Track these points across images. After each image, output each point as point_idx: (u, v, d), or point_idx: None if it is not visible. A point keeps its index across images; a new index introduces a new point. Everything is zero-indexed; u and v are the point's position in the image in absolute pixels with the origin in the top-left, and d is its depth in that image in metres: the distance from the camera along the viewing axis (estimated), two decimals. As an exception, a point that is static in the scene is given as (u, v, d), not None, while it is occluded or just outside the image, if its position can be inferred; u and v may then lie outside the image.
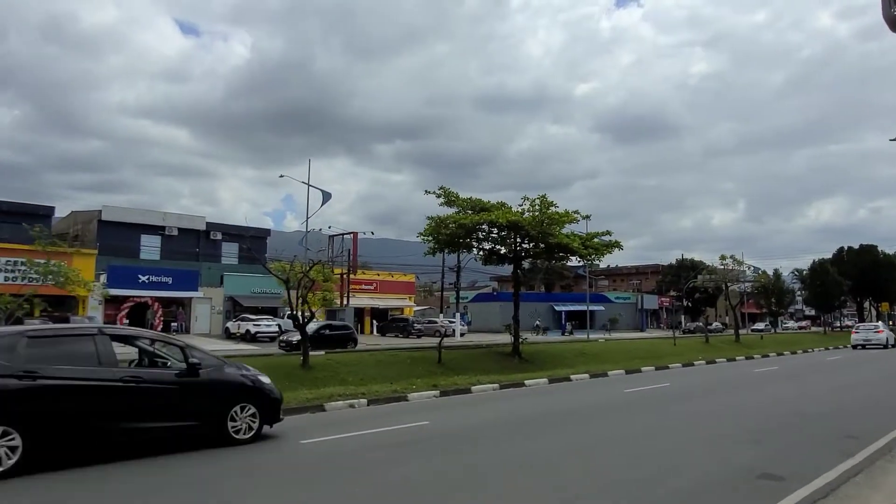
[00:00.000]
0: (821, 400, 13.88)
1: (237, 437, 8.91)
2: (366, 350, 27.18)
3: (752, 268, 63.52)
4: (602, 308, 66.16)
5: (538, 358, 27.36)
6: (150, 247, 44.34)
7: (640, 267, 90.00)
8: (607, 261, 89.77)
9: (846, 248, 68.28)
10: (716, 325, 65.98)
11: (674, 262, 77.02)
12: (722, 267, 49.47)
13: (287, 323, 36.93)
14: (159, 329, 39.39)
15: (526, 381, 17.75)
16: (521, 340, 27.52)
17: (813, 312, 75.09)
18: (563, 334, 55.78)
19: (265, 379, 9.77)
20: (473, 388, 16.07)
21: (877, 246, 68.83)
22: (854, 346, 40.10)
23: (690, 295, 61.77)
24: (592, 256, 27.90)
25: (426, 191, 27.77)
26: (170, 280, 40.44)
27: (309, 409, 12.55)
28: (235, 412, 8.96)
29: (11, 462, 7.01)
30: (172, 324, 39.06)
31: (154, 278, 39.93)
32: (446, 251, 29.63)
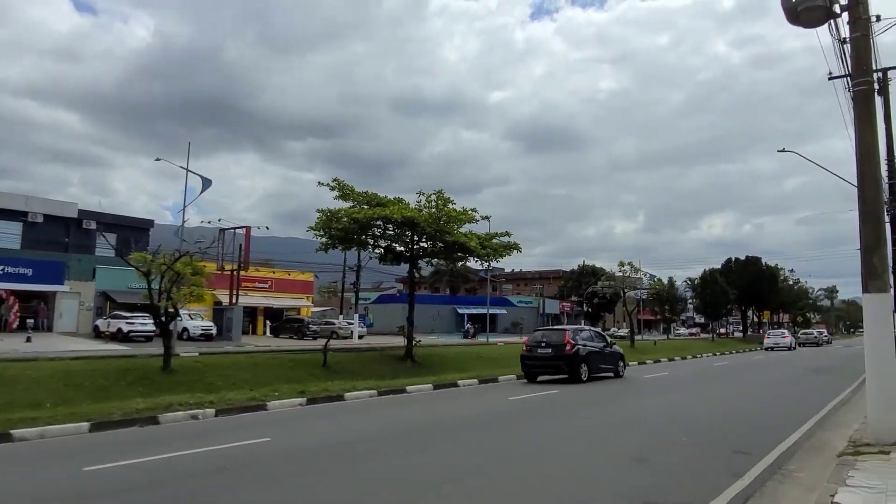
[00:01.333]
0: (711, 409, 13.31)
1: None
2: (244, 351, 24.96)
3: (649, 275, 65.62)
4: (504, 311, 66.21)
5: (432, 361, 26.11)
6: (8, 234, 39.48)
7: (544, 272, 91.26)
8: (512, 265, 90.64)
9: (733, 259, 71.91)
10: (613, 330, 67.51)
11: (576, 267, 78.55)
12: (620, 274, 50.29)
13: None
14: (14, 326, 35.14)
15: (408, 388, 16.34)
16: (414, 343, 26.20)
17: (702, 320, 78.57)
18: (465, 337, 55.13)
19: None
20: (347, 395, 14.46)
21: (760, 258, 73.07)
22: (766, 349, 48.28)
23: (590, 300, 62.88)
24: (491, 257, 26.98)
25: (319, 182, 25.97)
26: (30, 272, 36.06)
27: (137, 421, 10.55)
28: None
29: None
30: (29, 320, 34.78)
31: (11, 269, 35.45)
32: (340, 248, 27.85)
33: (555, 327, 26.38)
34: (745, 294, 67.10)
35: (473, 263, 33.79)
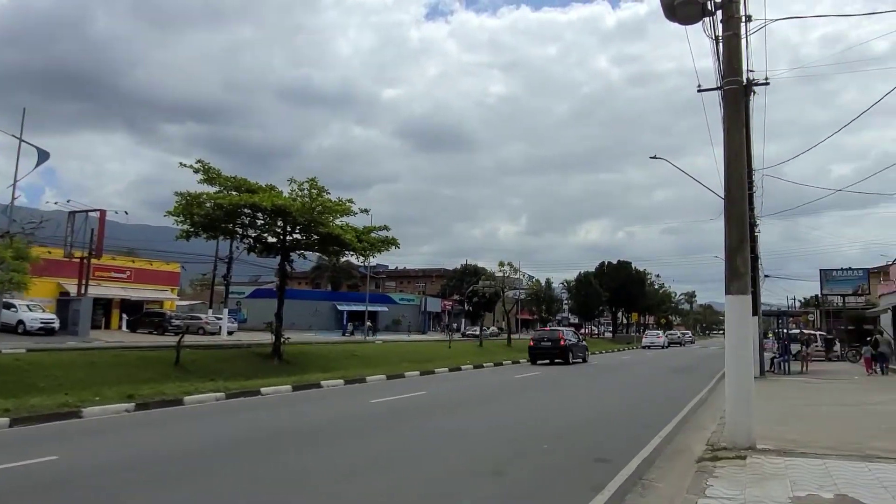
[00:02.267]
0: (576, 411, 13.03)
1: None
2: (84, 348, 22.18)
3: (528, 276, 67.19)
4: (386, 309, 65.20)
5: (302, 360, 24.60)
6: None
7: (428, 270, 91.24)
8: (397, 262, 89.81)
9: (606, 263, 75.42)
10: (492, 329, 68.47)
11: (459, 267, 79.05)
12: (500, 274, 50.86)
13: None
14: None
15: (263, 389, 14.87)
16: (283, 340, 24.55)
17: (577, 320, 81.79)
18: (343, 335, 53.54)
19: None
20: (187, 398, 12.79)
21: (631, 263, 77.21)
22: (643, 347, 55.28)
23: (471, 299, 63.28)
24: (368, 252, 25.85)
25: (181, 163, 23.61)
26: None
27: None
28: None
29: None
30: None
31: None
32: (204, 236, 25.52)
33: (553, 328, 37.23)
34: (617, 296, 70.53)
35: (352, 258, 32.55)
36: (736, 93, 8.94)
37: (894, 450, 8.23)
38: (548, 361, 29.71)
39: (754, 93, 13.33)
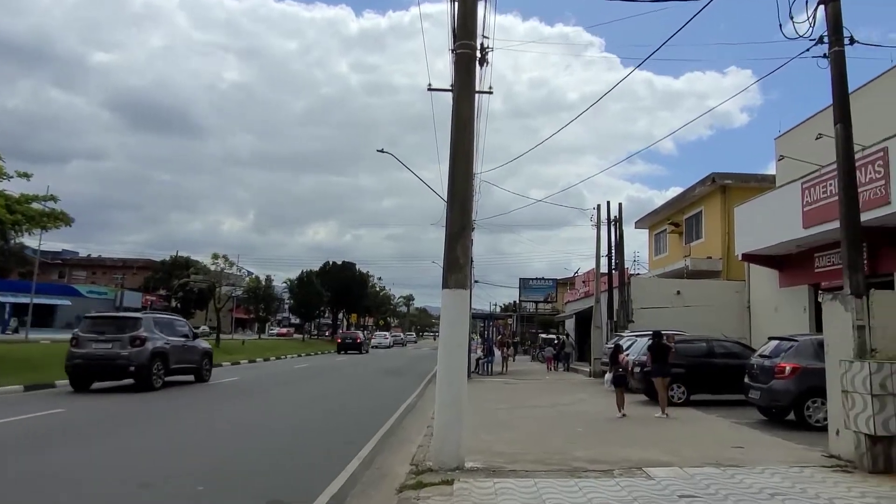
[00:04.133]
0: (267, 427, 10.86)
1: None
2: None
3: (246, 272, 62.71)
4: (69, 303, 54.98)
5: None
6: None
7: (129, 260, 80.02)
8: (94, 251, 76.87)
9: (331, 262, 74.30)
10: (203, 328, 62.34)
11: (168, 258, 70.77)
12: (214, 267, 46.15)
13: None
14: None
15: None
16: None
17: (298, 320, 79.11)
18: (3, 332, 43.41)
19: None
20: None
21: (355, 264, 77.32)
22: (373, 346, 57.32)
23: (178, 294, 56.65)
24: (24, 226, 20.26)
25: None
26: None
27: None
28: None
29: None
30: None
31: None
32: None
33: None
34: (339, 297, 69.73)
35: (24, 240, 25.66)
36: (469, 58, 7.79)
37: (595, 459, 7.80)
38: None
39: (487, 62, 12.80)
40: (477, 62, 8.51)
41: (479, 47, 9.72)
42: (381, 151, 23.30)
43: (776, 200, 18.45)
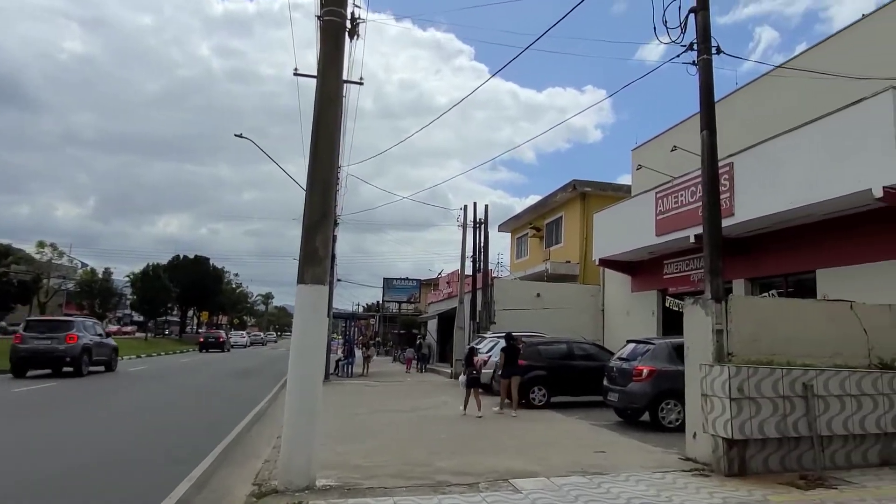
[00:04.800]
0: (74, 448, 9.27)
1: None
2: None
3: (80, 263, 56.54)
4: None
5: None
6: None
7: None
8: None
9: (182, 256, 69.06)
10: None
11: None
12: (39, 257, 41.03)
13: None
14: None
15: None
16: None
17: (142, 318, 72.60)
18: None
19: None
20: None
21: (209, 259, 72.43)
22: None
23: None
24: None
25: None
26: None
27: None
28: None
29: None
30: None
31: None
32: None
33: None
34: (189, 293, 64.90)
35: None
36: (337, 27, 6.94)
37: (460, 470, 7.27)
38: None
39: (358, 36, 11.90)
40: (346, 34, 7.68)
41: (349, 17, 8.89)
42: (240, 136, 21.57)
43: (632, 208, 19.30)
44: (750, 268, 15.45)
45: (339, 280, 52.07)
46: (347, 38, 9.06)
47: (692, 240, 15.93)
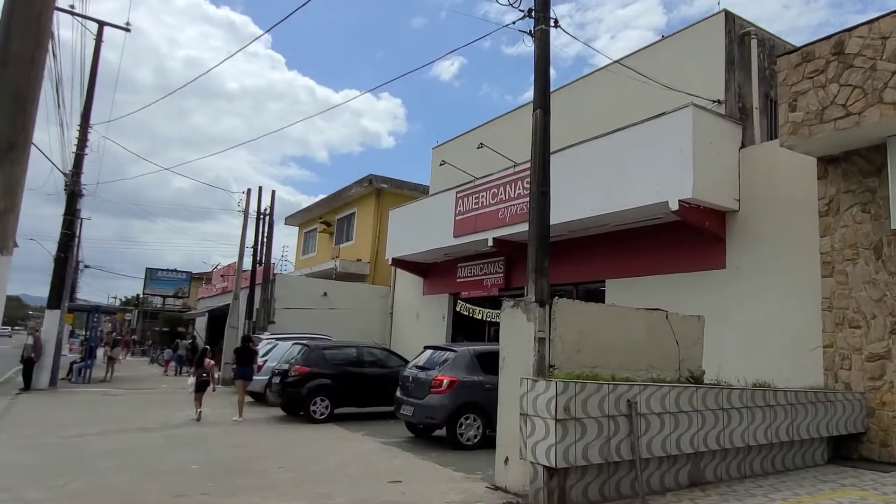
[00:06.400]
0: None
1: None
2: None
3: None
4: None
5: None
6: None
7: None
8: None
9: None
10: None
11: None
12: None
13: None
14: None
15: None
16: None
17: None
18: None
19: None
20: None
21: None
22: None
23: None
24: None
25: None
26: None
27: None
28: None
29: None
30: None
31: None
32: None
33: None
34: None
35: None
36: None
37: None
38: None
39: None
40: None
41: None
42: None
43: (430, 207, 18.39)
44: (543, 275, 15.23)
45: (86, 266, 44.69)
46: None
47: (490, 243, 15.40)
